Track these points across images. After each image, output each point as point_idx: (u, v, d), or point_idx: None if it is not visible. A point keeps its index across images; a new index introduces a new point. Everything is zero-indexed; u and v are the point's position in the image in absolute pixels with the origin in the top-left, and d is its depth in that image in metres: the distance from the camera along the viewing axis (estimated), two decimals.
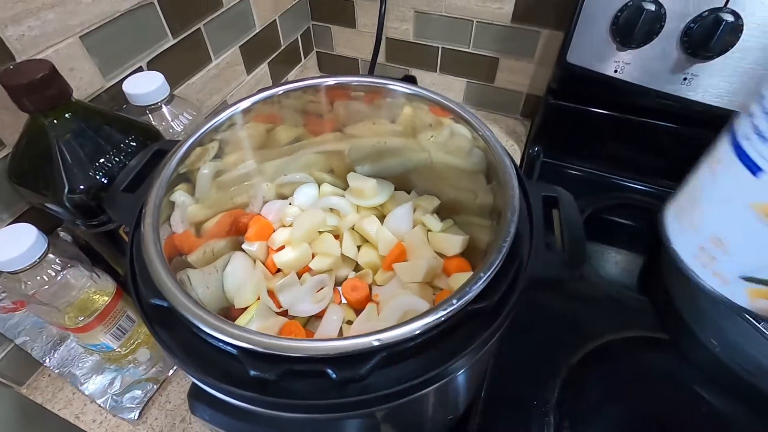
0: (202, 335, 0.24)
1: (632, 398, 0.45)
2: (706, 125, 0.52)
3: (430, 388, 0.24)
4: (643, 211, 0.63)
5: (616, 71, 0.55)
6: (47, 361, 0.48)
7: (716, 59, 0.50)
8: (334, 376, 0.22)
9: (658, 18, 0.50)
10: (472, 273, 0.34)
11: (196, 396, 0.24)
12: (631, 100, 0.58)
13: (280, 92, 0.38)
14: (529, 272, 0.27)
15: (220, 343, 0.23)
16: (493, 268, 0.25)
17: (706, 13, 0.48)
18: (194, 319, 0.23)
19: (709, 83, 0.52)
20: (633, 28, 0.51)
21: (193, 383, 0.25)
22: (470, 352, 0.25)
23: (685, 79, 0.53)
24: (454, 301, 0.24)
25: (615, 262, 0.58)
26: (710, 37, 0.48)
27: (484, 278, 0.25)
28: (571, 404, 0.44)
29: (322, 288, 0.39)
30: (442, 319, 0.23)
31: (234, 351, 0.23)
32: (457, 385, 0.29)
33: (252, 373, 0.22)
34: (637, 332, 0.50)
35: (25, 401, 0.47)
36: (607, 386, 0.46)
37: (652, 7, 0.49)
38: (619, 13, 0.52)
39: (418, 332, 0.23)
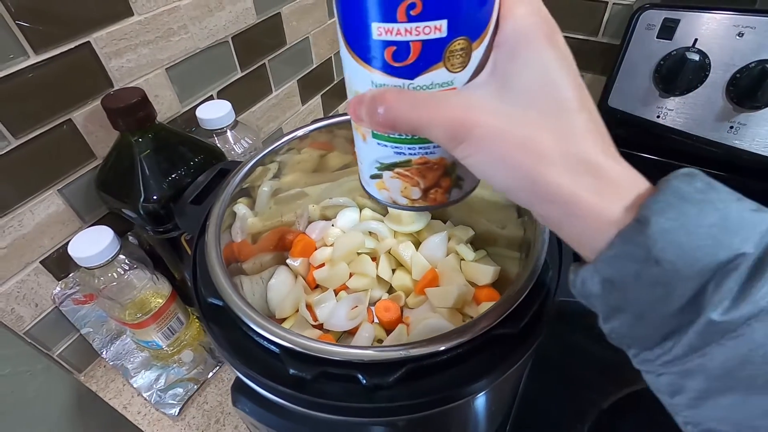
0: (250, 333, 0.26)
1: None
2: (754, 174, 0.51)
3: (450, 405, 0.26)
4: None
5: (658, 116, 0.56)
6: (104, 353, 0.52)
7: (765, 109, 0.50)
8: (364, 381, 0.24)
9: (703, 68, 0.50)
10: (497, 301, 0.36)
11: (239, 389, 0.27)
12: (674, 145, 0.58)
13: (332, 123, 0.43)
14: (555, 302, 0.28)
15: (265, 342, 0.26)
16: (519, 295, 0.27)
17: (753, 64, 0.48)
18: (245, 317, 0.26)
19: (757, 132, 0.51)
20: (676, 77, 0.52)
21: (237, 377, 0.28)
22: (491, 375, 0.26)
23: (731, 127, 0.52)
24: (482, 324, 0.25)
25: None
26: (757, 87, 0.48)
27: (512, 304, 0.26)
28: None
29: (356, 306, 0.42)
30: (467, 339, 0.25)
31: (276, 350, 0.25)
32: (478, 408, 0.30)
33: (291, 371, 0.24)
34: None
35: (82, 388, 0.52)
36: None
37: (696, 57, 0.50)
38: (662, 62, 0.53)
39: (443, 348, 0.24)
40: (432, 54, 0.18)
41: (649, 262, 0.16)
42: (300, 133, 0.41)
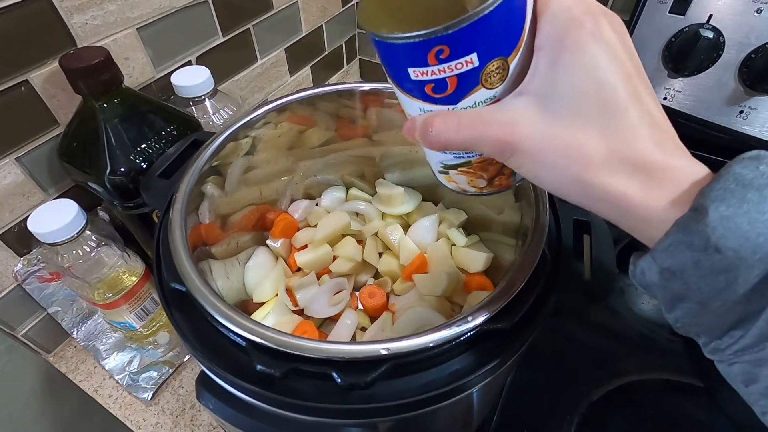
0: (215, 324, 0.24)
1: None
2: None
3: (437, 405, 0.23)
4: None
5: (665, 98, 0.53)
6: (75, 333, 0.50)
7: None
8: (339, 380, 0.21)
9: (716, 46, 0.47)
10: (489, 294, 0.33)
11: (203, 383, 0.24)
12: (680, 130, 0.55)
13: (316, 94, 0.39)
14: (553, 297, 0.25)
15: (231, 333, 0.23)
16: (514, 288, 0.24)
17: None
18: (207, 305, 0.23)
19: None
20: (687, 56, 0.48)
21: (203, 371, 0.25)
22: (482, 374, 0.24)
23: (741, 111, 0.50)
24: (470, 318, 0.23)
25: (650, 299, 0.55)
26: None
27: (504, 298, 0.24)
28: None
29: (339, 291, 0.39)
30: (456, 335, 0.23)
31: (243, 343, 0.23)
32: (466, 405, 0.28)
33: (258, 367, 0.22)
34: (668, 375, 0.47)
35: (51, 369, 0.49)
36: (630, 428, 0.43)
37: (709, 34, 0.47)
38: (673, 39, 0.49)
39: (429, 346, 0.22)
40: (469, 82, 0.19)
41: (709, 250, 0.15)
42: (278, 104, 0.38)
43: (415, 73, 0.19)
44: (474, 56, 0.18)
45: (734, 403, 0.43)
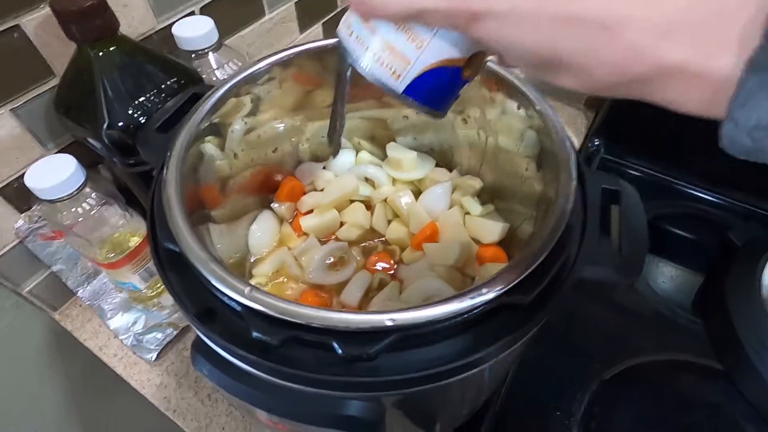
0: (210, 287, 0.22)
1: (669, 427, 0.41)
2: None
3: (445, 381, 0.22)
4: (711, 226, 0.56)
5: None
6: (80, 291, 0.49)
7: None
8: (340, 351, 0.20)
9: None
10: (507, 264, 0.31)
11: (198, 348, 0.23)
12: None
13: (325, 47, 0.36)
14: (576, 270, 0.23)
15: (225, 298, 0.22)
16: (535, 259, 0.22)
17: None
18: (201, 267, 0.22)
19: None
20: None
21: (198, 336, 0.24)
22: (494, 350, 0.22)
23: None
24: (485, 290, 0.21)
25: (670, 277, 0.52)
26: None
27: (524, 269, 0.22)
28: (598, 422, 0.40)
29: (341, 257, 0.37)
30: (469, 308, 0.21)
31: (238, 308, 0.21)
32: (476, 381, 0.27)
33: (254, 334, 0.20)
34: (685, 356, 0.45)
35: (58, 327, 0.49)
36: (642, 409, 0.42)
37: None
38: None
39: (439, 318, 0.20)
40: None
41: None
42: (284, 55, 0.35)
43: None
44: None
45: (756, 388, 0.41)
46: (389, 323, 0.20)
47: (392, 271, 0.39)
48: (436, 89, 0.22)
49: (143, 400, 0.43)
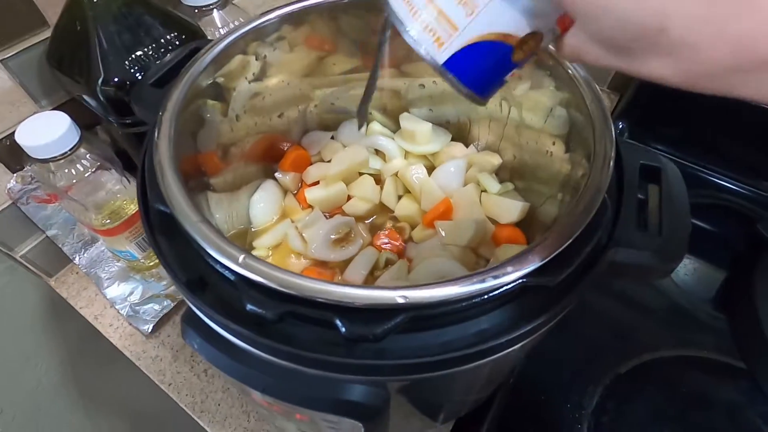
0: (202, 253, 0.20)
1: (685, 426, 0.39)
2: None
3: (458, 368, 0.20)
4: (738, 218, 0.53)
5: None
6: (77, 258, 0.48)
7: None
8: (343, 329, 0.18)
9: None
10: (526, 246, 0.29)
11: (188, 321, 0.21)
12: None
13: (339, 1, 0.33)
14: (611, 253, 0.21)
15: (218, 265, 0.19)
16: (566, 238, 0.20)
17: None
18: (193, 231, 0.19)
19: None
20: None
21: (188, 306, 0.22)
22: (514, 338, 0.20)
23: None
24: (510, 269, 0.18)
25: (693, 269, 0.49)
26: None
27: (553, 249, 0.19)
28: (610, 417, 0.38)
29: (347, 233, 0.35)
30: (490, 288, 0.18)
31: (231, 277, 0.19)
32: (490, 369, 0.24)
33: (248, 306, 0.18)
34: (706, 353, 0.43)
35: (54, 294, 0.48)
36: (658, 406, 0.40)
37: None
38: None
39: (456, 297, 0.18)
40: None
41: None
42: (295, 7, 0.32)
43: None
44: None
45: None
46: (401, 300, 0.17)
47: (401, 250, 0.36)
48: (480, 68, 0.19)
49: (139, 372, 0.42)
